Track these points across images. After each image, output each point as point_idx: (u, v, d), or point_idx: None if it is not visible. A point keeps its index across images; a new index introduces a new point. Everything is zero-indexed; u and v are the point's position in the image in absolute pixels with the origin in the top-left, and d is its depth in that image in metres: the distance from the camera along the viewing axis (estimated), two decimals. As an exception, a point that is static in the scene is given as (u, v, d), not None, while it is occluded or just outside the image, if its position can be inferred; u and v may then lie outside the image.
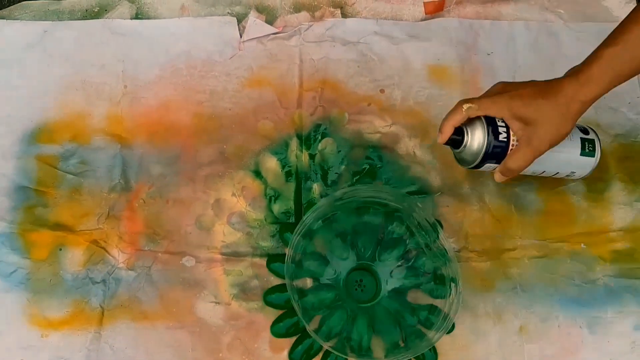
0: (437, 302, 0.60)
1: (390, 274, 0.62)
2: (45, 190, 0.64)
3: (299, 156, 0.66)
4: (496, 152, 0.54)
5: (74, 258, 0.63)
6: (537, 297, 0.63)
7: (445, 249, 0.59)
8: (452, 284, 0.58)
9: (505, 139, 0.54)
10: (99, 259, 0.63)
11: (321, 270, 0.62)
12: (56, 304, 0.61)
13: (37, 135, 0.66)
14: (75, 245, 0.63)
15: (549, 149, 0.53)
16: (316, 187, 0.65)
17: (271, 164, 0.66)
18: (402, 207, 0.61)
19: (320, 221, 0.62)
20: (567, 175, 0.60)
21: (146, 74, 0.68)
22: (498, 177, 0.56)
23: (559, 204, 0.65)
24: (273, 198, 0.65)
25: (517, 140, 0.53)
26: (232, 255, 0.63)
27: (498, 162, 0.55)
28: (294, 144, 0.67)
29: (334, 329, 0.60)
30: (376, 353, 0.59)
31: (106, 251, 0.63)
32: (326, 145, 0.67)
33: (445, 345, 0.61)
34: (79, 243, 0.63)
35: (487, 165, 0.56)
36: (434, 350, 0.60)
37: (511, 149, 0.54)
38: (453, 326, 0.61)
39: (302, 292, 0.61)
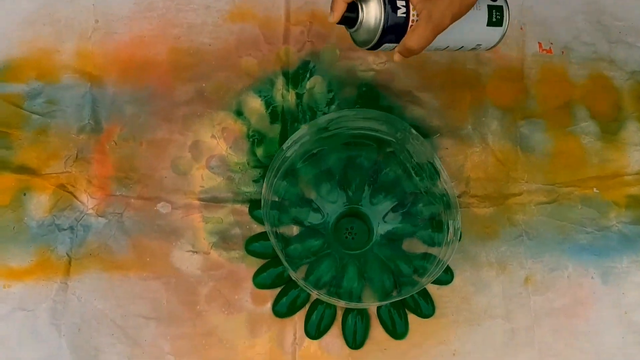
0: (433, 250, 0.55)
1: (384, 219, 0.57)
2: (9, 131, 0.59)
3: (285, 96, 0.61)
4: (394, 28, 0.47)
5: (39, 203, 0.57)
6: (545, 245, 0.57)
7: (446, 192, 0.54)
8: (451, 231, 0.52)
9: (404, 14, 0.46)
10: (66, 204, 0.57)
11: (307, 215, 0.57)
12: (20, 253, 0.56)
13: (1, 73, 0.61)
14: (40, 189, 0.58)
15: (451, 23, 0.46)
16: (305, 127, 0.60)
17: (255, 104, 0.61)
18: (396, 139, 0.56)
19: (302, 160, 0.56)
20: (472, 49, 0.53)
21: (119, 7, 0.62)
22: (397, 57, 0.48)
23: (569, 145, 0.60)
24: (256, 141, 0.60)
25: (417, 15, 0.46)
26: (212, 201, 0.58)
27: (397, 41, 0.49)
28: (279, 82, 0.61)
29: (323, 278, 0.55)
30: (367, 302, 0.55)
31: (74, 196, 0.58)
32: (315, 84, 0.61)
33: (443, 297, 0.56)
34: (45, 187, 0.58)
35: (386, 45, 0.48)
36: (431, 303, 0.55)
37: (411, 26, 0.47)
38: (452, 275, 0.56)
39: (286, 240, 0.56)
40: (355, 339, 0.55)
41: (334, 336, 0.55)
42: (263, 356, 0.55)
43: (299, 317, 0.56)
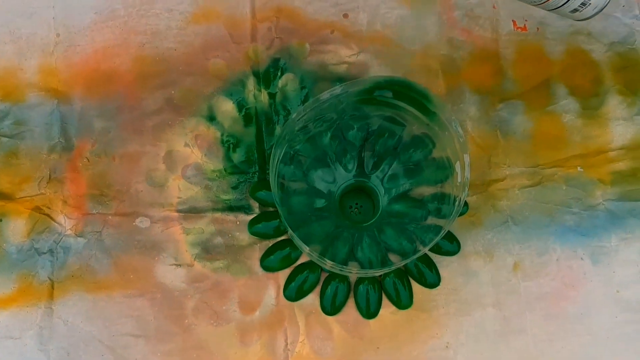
0: (445, 188, 0.54)
1: (387, 181, 0.56)
2: (-22, 156, 0.58)
3: (257, 96, 0.59)
4: None
5: (16, 228, 0.56)
6: (531, 229, 0.56)
7: (446, 124, 0.51)
8: (457, 162, 0.51)
9: None
10: (44, 227, 0.56)
11: (312, 200, 0.56)
12: (1, 281, 0.55)
13: (-36, 97, 0.59)
14: (16, 214, 0.57)
15: None
16: (280, 130, 0.59)
17: (226, 107, 0.59)
18: (435, 123, 0.53)
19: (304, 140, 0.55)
20: (574, 10, 0.50)
21: (80, 18, 0.61)
22: None
23: (550, 125, 0.59)
24: (232, 145, 0.58)
25: None
26: (191, 211, 0.57)
27: None
28: (250, 83, 0.59)
29: (337, 257, 0.54)
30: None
31: (51, 218, 0.57)
32: (287, 82, 0.60)
33: (432, 290, 0.55)
34: (20, 212, 0.57)
35: None
36: (435, 271, 0.55)
37: None
38: (459, 245, 0.55)
39: (289, 194, 0.56)
40: (369, 308, 0.54)
41: (325, 339, 0.55)
42: (256, 364, 0.54)
43: (289, 323, 0.55)
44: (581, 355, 0.55)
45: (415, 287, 0.55)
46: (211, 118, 0.59)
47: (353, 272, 0.53)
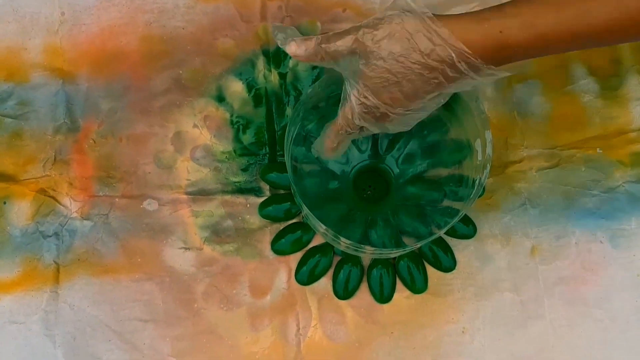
0: (463, 169, 0.52)
1: (402, 162, 0.55)
2: (-19, 137, 0.56)
3: (267, 76, 0.58)
4: None
5: (21, 211, 0.55)
6: (550, 212, 0.55)
7: (465, 100, 0.49)
8: (477, 140, 0.49)
9: None
10: (49, 209, 0.55)
11: (326, 182, 0.55)
12: (5, 264, 0.54)
13: (-33, 77, 0.58)
14: (20, 196, 0.55)
15: None
16: (290, 111, 0.57)
17: (236, 87, 0.58)
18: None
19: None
20: None
21: (85, -4, 0.59)
22: None
23: (568, 106, 0.57)
24: (241, 127, 0.57)
25: None
26: (200, 194, 0.55)
27: None
28: (260, 62, 0.58)
29: (351, 239, 0.52)
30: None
31: (56, 200, 0.55)
32: (298, 62, 0.58)
33: (448, 274, 0.54)
34: (25, 194, 0.55)
35: None
36: (451, 255, 0.54)
37: None
38: (475, 228, 0.54)
39: (301, 176, 0.54)
40: (383, 292, 0.53)
41: (338, 324, 0.53)
42: (267, 349, 0.53)
43: (301, 308, 0.54)
44: (601, 341, 0.53)
45: (430, 271, 0.54)
46: (220, 99, 0.57)
47: (368, 252, 0.52)
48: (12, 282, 0.54)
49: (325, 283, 0.54)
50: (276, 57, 0.58)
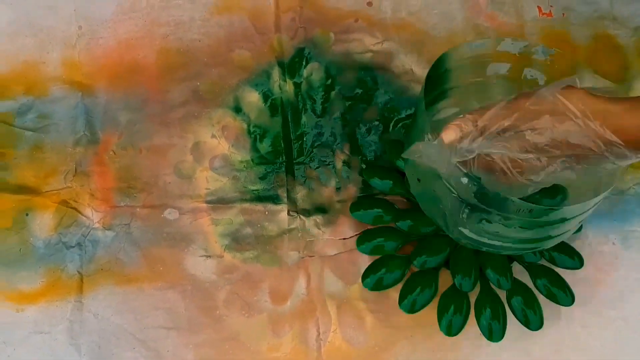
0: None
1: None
2: (3, 151, 0.57)
3: (282, 86, 0.59)
4: None
5: (44, 222, 0.56)
6: (562, 215, 0.56)
7: None
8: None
9: None
10: (71, 220, 0.56)
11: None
12: (29, 276, 0.55)
13: (-13, 91, 0.59)
14: (42, 208, 0.56)
15: None
16: (306, 119, 0.58)
17: (252, 98, 0.59)
18: None
19: None
20: None
21: (102, 10, 0.60)
22: None
23: (579, 110, 0.58)
24: (258, 136, 0.58)
25: None
26: (219, 202, 0.57)
27: None
28: (275, 73, 0.59)
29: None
30: None
31: (78, 211, 0.56)
32: (312, 71, 0.59)
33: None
34: (47, 205, 0.56)
35: None
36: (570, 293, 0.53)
37: None
38: (581, 261, 0.54)
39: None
40: (451, 327, 0.52)
41: (357, 328, 0.54)
42: (288, 355, 0.54)
43: (321, 313, 0.55)
44: (614, 341, 0.54)
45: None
46: (237, 109, 0.58)
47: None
48: (37, 293, 0.55)
49: (343, 287, 0.55)
50: (291, 68, 0.59)
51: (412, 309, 0.52)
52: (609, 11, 0.60)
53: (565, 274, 0.54)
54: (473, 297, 0.53)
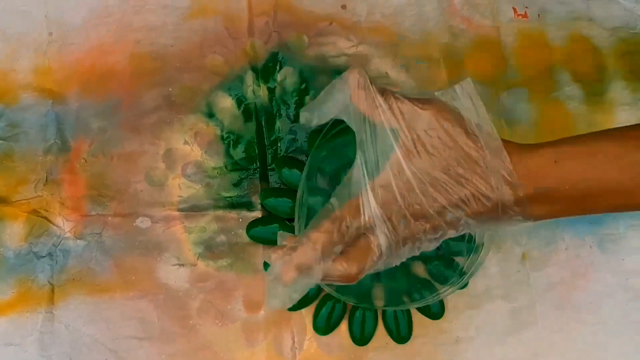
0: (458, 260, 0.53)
1: None
2: (-28, 160, 0.56)
3: (256, 91, 0.58)
4: None
5: (14, 232, 0.55)
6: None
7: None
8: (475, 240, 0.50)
9: None
10: (42, 230, 0.55)
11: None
12: (-1, 286, 0.54)
13: (-44, 100, 0.58)
14: (12, 218, 0.55)
15: None
16: (280, 125, 0.58)
17: (225, 103, 0.58)
18: None
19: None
20: None
21: (73, 16, 0.59)
22: None
23: (555, 112, 0.58)
24: (232, 142, 0.57)
25: None
26: (192, 210, 0.56)
27: None
28: (249, 78, 0.58)
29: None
30: (376, 302, 0.53)
31: (49, 221, 0.55)
32: (286, 76, 0.58)
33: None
34: (17, 215, 0.55)
35: None
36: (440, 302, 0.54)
37: None
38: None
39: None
40: (364, 335, 0.53)
41: (334, 336, 0.54)
42: (263, 364, 0.53)
43: (295, 322, 0.54)
44: (592, 345, 0.54)
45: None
46: (210, 115, 0.58)
47: (350, 301, 0.52)
48: (7, 304, 0.54)
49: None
50: (264, 72, 0.58)
51: (327, 329, 0.53)
52: (585, 12, 0.60)
53: (541, 277, 0.54)
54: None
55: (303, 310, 0.54)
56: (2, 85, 0.58)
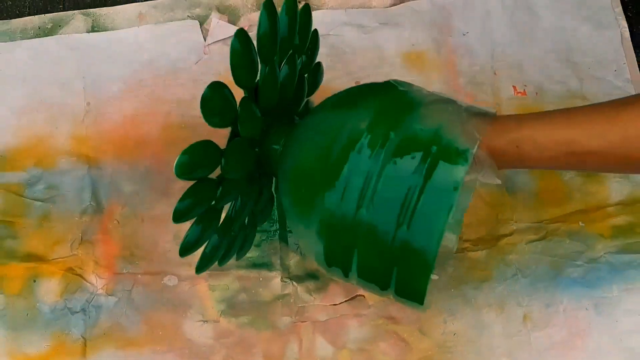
0: None
1: None
2: (13, 220, 0.61)
3: (276, 159, 0.63)
4: None
5: (50, 289, 0.59)
6: (539, 282, 0.60)
7: None
8: None
9: None
10: (76, 287, 0.59)
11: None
12: (35, 339, 0.58)
13: (0, 163, 0.63)
14: (49, 275, 0.60)
15: None
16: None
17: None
18: None
19: None
20: None
21: (109, 88, 0.65)
22: None
23: (552, 183, 0.63)
24: (254, 205, 0.62)
25: None
26: (216, 269, 0.60)
27: None
28: (270, 146, 0.63)
29: None
30: None
31: (83, 278, 0.59)
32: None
33: (448, 341, 0.58)
34: (54, 272, 0.60)
35: None
36: None
37: None
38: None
39: None
40: None
41: (347, 391, 0.57)
42: (280, 416, 0.57)
43: (312, 376, 0.58)
44: (591, 402, 0.57)
45: (436, 332, 0.58)
46: (234, 180, 0.62)
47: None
48: (42, 356, 0.57)
49: (336, 352, 0.58)
50: (284, 141, 0.63)
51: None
52: (579, 91, 0.65)
53: (541, 337, 0.58)
54: None
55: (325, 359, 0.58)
56: (42, 150, 0.63)
